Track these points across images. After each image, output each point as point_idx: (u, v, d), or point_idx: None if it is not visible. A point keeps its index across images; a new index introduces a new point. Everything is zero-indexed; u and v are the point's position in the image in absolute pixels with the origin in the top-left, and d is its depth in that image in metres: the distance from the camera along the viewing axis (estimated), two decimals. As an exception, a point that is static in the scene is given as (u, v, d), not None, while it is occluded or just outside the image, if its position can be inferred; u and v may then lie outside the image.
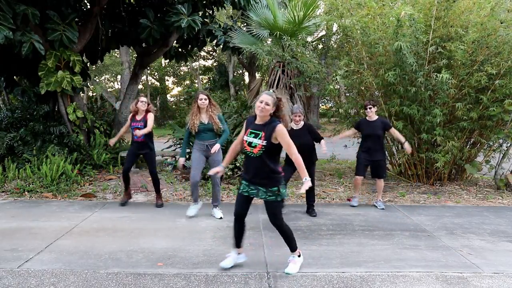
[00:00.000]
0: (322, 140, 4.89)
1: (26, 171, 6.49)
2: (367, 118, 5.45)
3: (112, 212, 5.11)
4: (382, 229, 4.51)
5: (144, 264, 3.43)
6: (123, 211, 5.16)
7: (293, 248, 3.33)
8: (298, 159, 3.02)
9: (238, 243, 3.38)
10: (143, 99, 5.25)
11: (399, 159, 7.21)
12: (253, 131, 3.09)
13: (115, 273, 3.23)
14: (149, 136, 5.25)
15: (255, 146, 3.04)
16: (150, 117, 5.22)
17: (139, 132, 5.02)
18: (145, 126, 5.15)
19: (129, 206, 5.44)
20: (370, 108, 5.33)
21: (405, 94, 6.36)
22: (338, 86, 6.28)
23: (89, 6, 7.88)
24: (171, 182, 6.87)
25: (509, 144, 6.81)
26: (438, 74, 5.85)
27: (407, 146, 5.46)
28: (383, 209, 5.42)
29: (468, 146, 6.99)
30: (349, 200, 5.89)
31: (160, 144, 9.16)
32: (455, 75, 6.22)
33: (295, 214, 5.07)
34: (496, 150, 6.98)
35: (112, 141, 5.54)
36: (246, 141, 3.09)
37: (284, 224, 3.22)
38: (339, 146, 7.82)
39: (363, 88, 7.27)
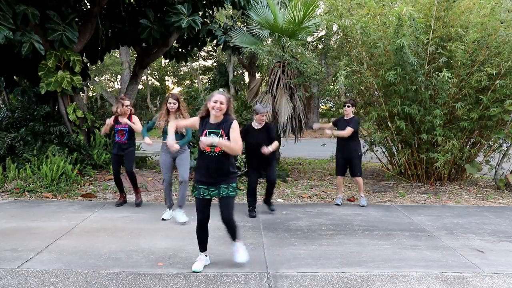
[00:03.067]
0: (274, 143, 4.71)
1: (26, 171, 6.49)
2: (344, 116, 5.51)
3: (112, 212, 5.11)
4: (382, 229, 4.51)
5: (144, 264, 3.42)
6: (123, 211, 5.16)
7: (236, 236, 3.36)
8: (236, 147, 3.04)
9: (205, 247, 3.38)
10: (127, 102, 5.26)
11: (399, 160, 7.21)
12: (211, 131, 3.10)
13: (115, 273, 3.23)
14: (132, 137, 5.31)
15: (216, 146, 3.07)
16: (136, 120, 5.29)
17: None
18: (129, 128, 5.21)
19: (129, 206, 5.44)
20: (348, 107, 5.40)
21: (405, 94, 6.36)
22: (338, 86, 6.27)
23: (89, 6, 7.88)
24: (171, 182, 6.86)
25: (509, 144, 6.81)
26: (439, 74, 5.85)
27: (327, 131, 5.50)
28: (364, 206, 5.48)
29: (468, 146, 6.99)
30: (349, 200, 5.90)
31: (159, 145, 9.15)
32: (456, 75, 6.22)
33: (295, 214, 5.07)
34: (496, 150, 6.97)
35: (103, 132, 5.49)
36: None
37: (234, 220, 3.28)
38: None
39: (363, 88, 7.27)
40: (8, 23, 5.77)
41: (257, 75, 20.94)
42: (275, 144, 4.76)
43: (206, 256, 3.43)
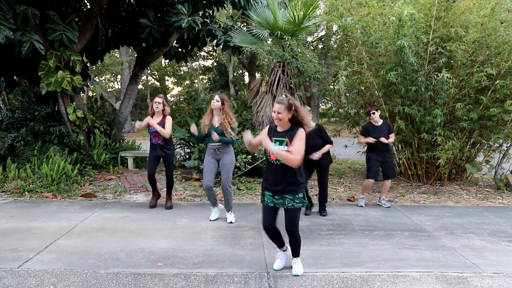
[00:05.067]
0: (327, 145, 4.78)
1: (26, 171, 6.49)
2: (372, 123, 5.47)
3: (112, 212, 5.12)
4: (382, 229, 4.51)
5: (144, 264, 3.43)
6: (123, 211, 5.16)
7: (298, 254, 3.30)
8: (293, 160, 2.92)
9: (280, 244, 3.35)
10: (157, 99, 5.05)
11: (399, 159, 7.21)
12: (277, 138, 3.05)
13: (115, 273, 3.23)
14: (168, 139, 5.15)
15: None
16: (168, 120, 5.05)
17: (158, 129, 4.95)
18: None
19: (129, 206, 5.44)
20: (373, 113, 5.37)
21: (405, 94, 6.36)
22: (339, 87, 6.26)
23: (89, 6, 7.88)
24: (171, 182, 6.86)
25: (509, 144, 6.81)
26: (439, 74, 5.85)
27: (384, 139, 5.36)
28: (388, 207, 5.49)
29: (468, 146, 6.99)
30: (349, 200, 5.90)
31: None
32: (456, 75, 6.22)
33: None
34: (496, 150, 6.97)
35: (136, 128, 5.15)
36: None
37: (298, 231, 3.19)
38: (340, 146, 7.82)
39: (363, 88, 7.27)
40: (8, 23, 5.77)
41: (257, 75, 20.93)
42: (326, 147, 4.74)
43: (285, 250, 3.40)
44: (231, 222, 4.65)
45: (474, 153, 6.95)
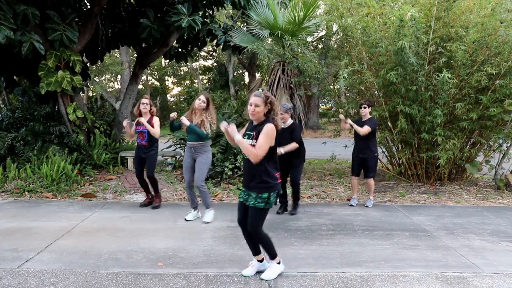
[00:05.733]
0: (293, 144, 4.73)
1: (26, 171, 6.49)
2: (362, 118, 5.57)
3: (112, 212, 5.12)
4: (382, 229, 4.51)
5: (144, 264, 3.43)
6: (123, 211, 5.16)
7: (272, 255, 3.19)
8: (252, 153, 2.87)
9: (254, 251, 3.22)
10: (144, 100, 5.12)
11: (399, 159, 7.21)
12: (247, 132, 3.06)
13: (115, 273, 3.23)
14: (153, 140, 5.17)
15: None
16: (156, 121, 5.09)
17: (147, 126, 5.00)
18: (149, 131, 5.06)
19: (129, 206, 5.44)
20: (364, 108, 5.47)
21: (406, 94, 6.36)
22: (339, 86, 6.26)
23: (89, 6, 7.88)
24: (171, 182, 6.87)
25: (509, 144, 6.81)
26: (439, 74, 5.85)
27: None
28: (368, 206, 5.50)
29: (468, 146, 6.99)
30: (349, 200, 5.89)
31: (160, 144, 9.15)
32: (456, 75, 6.22)
33: (295, 214, 5.07)
34: (496, 150, 6.97)
35: (128, 137, 5.23)
36: None
37: (262, 232, 3.08)
38: (340, 146, 7.82)
39: (363, 88, 7.27)
40: (9, 23, 5.77)
41: (257, 75, 20.95)
42: (291, 145, 4.73)
43: (261, 261, 3.24)
44: (207, 222, 4.61)
45: (474, 153, 6.95)
